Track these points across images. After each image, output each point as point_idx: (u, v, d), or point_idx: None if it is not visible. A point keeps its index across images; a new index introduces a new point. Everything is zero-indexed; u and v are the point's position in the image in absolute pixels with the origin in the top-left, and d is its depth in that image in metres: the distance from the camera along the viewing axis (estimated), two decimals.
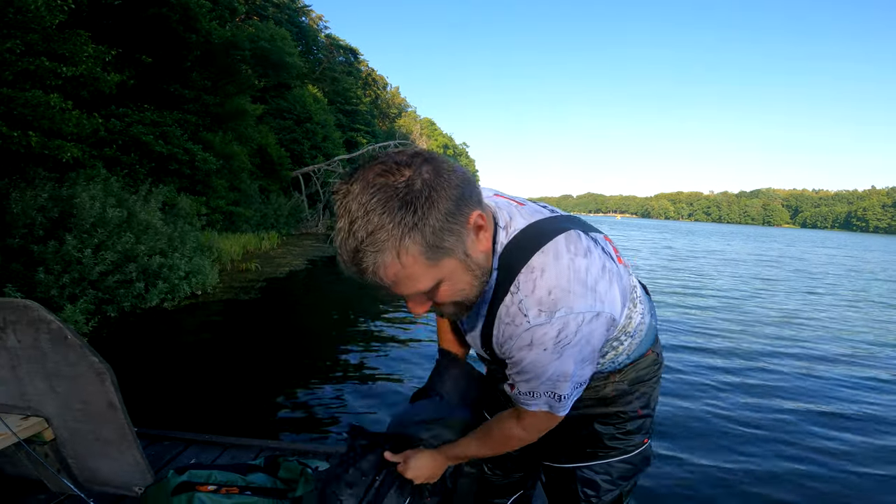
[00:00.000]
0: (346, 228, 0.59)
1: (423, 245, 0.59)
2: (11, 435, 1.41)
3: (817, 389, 4.68)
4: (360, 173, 0.61)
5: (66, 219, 6.51)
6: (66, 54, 7.34)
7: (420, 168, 0.60)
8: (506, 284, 0.74)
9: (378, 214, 0.57)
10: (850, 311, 9.45)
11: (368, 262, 0.60)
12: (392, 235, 0.58)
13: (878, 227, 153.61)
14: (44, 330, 1.41)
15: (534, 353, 0.73)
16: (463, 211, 0.63)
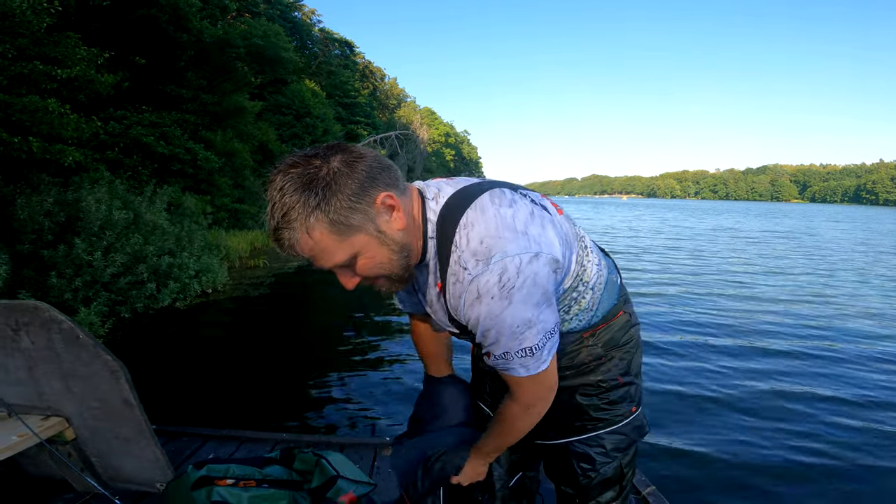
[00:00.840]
0: (268, 211, 0.69)
1: (326, 222, 0.68)
2: (29, 437, 1.43)
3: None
4: (282, 165, 0.69)
5: (73, 223, 6.55)
6: (59, 57, 7.32)
7: (329, 158, 0.69)
8: (445, 247, 0.78)
9: (289, 196, 0.66)
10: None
11: (285, 238, 0.69)
12: (300, 214, 0.67)
13: (889, 199, 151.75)
14: (55, 330, 1.42)
15: (484, 305, 0.75)
16: (369, 192, 0.71)
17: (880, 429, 3.39)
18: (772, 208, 76.06)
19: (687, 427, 3.37)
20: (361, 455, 2.11)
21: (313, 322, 6.80)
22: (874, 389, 4.09)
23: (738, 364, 4.66)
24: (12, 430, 1.45)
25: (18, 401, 1.55)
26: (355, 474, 1.80)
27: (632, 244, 16.55)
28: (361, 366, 4.68)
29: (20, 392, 1.53)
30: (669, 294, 8.05)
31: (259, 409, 3.67)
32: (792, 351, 5.11)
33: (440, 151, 63.47)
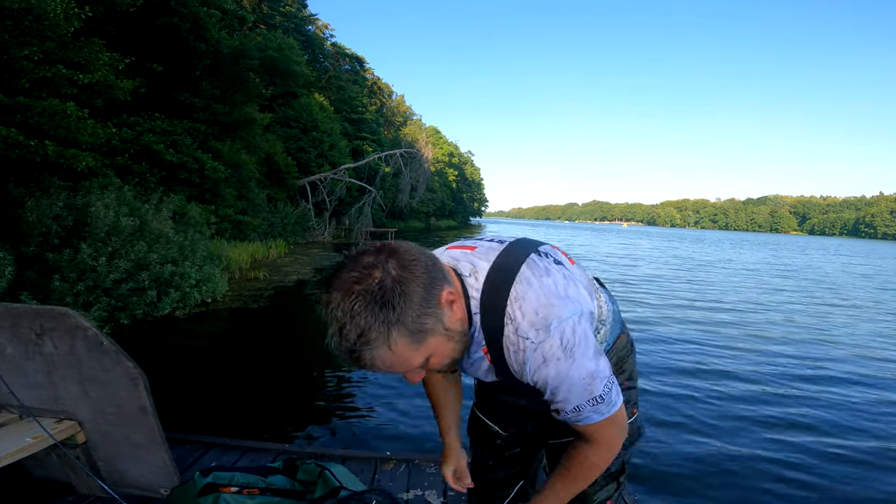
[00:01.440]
0: (338, 333, 0.68)
1: (407, 334, 0.69)
2: (44, 439, 1.48)
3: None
4: (336, 282, 0.69)
5: (80, 227, 6.63)
6: (82, 62, 7.47)
7: (386, 265, 0.69)
8: (495, 322, 0.83)
9: (364, 318, 0.66)
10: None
11: (366, 358, 0.69)
12: (380, 333, 0.66)
13: (887, 233, 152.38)
14: (80, 337, 1.48)
15: (552, 368, 0.81)
16: (433, 294, 0.72)
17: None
18: (770, 240, 76.18)
19: (668, 451, 3.40)
20: (362, 468, 2.16)
21: (313, 336, 6.81)
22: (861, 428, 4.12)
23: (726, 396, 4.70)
24: (26, 432, 1.50)
25: (34, 403, 1.60)
26: (357, 486, 1.85)
27: (647, 274, 16.61)
28: (362, 380, 4.71)
29: (37, 395, 1.59)
30: (674, 323, 8.09)
31: (259, 419, 3.69)
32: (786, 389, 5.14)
33: (443, 171, 63.88)
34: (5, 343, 1.54)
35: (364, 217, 25.34)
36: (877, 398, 4.82)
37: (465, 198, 79.11)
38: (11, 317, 1.53)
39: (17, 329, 1.52)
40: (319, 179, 23.84)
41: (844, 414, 4.35)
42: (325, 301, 0.68)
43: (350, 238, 25.15)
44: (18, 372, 1.55)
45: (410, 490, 2.08)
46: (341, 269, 0.70)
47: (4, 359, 1.55)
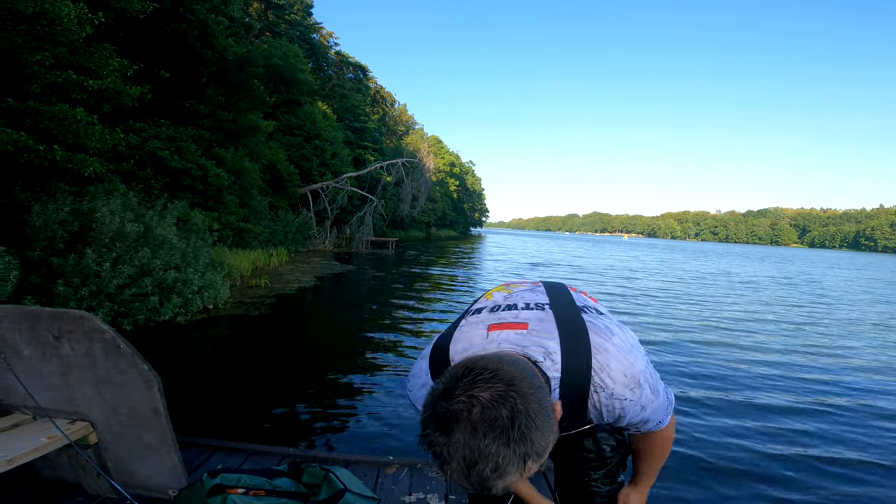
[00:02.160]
0: (466, 469, 0.64)
1: (538, 459, 0.67)
2: (59, 439, 1.52)
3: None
4: (458, 422, 0.64)
5: (85, 232, 6.69)
6: (93, 67, 7.57)
7: (511, 400, 0.65)
8: (580, 394, 0.89)
9: (501, 455, 0.63)
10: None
11: (498, 486, 0.65)
12: (517, 466, 0.64)
13: (888, 246, 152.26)
14: (97, 339, 1.53)
15: (649, 410, 0.96)
16: (552, 417, 0.71)
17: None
18: (776, 253, 76.05)
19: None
20: (365, 472, 2.19)
21: (313, 342, 6.85)
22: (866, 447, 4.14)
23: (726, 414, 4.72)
24: (41, 433, 1.54)
25: (49, 404, 1.64)
26: (361, 489, 1.89)
27: (656, 287, 16.63)
28: (364, 385, 4.75)
29: (52, 396, 1.63)
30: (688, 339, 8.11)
31: (263, 424, 3.73)
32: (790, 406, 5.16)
33: (444, 181, 64.10)
34: (23, 345, 1.59)
35: (365, 226, 25.42)
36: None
37: (466, 208, 79.28)
38: (29, 319, 1.58)
39: (34, 332, 1.57)
40: (321, 188, 23.95)
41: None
42: (445, 442, 0.64)
43: (351, 247, 25.21)
44: (34, 373, 1.60)
45: (413, 493, 2.11)
46: (451, 399, 0.65)
47: (21, 360, 1.59)
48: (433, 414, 0.66)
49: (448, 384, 0.67)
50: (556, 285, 1.12)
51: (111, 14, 8.77)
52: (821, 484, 3.26)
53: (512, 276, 16.61)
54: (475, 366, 0.69)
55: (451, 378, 0.68)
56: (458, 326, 0.98)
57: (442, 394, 0.66)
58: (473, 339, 0.92)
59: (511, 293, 1.07)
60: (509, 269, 19.80)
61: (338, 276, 13.99)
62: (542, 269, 20.00)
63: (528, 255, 30.02)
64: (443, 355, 0.94)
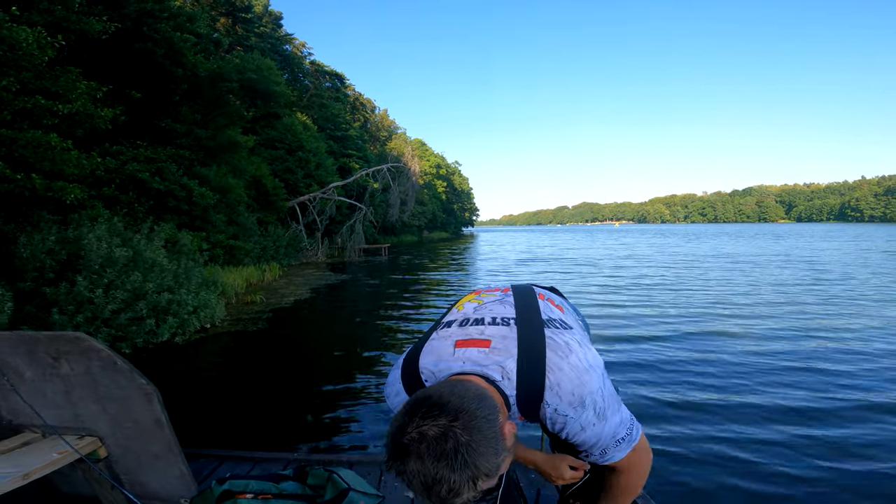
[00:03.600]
0: (426, 491, 0.73)
1: (488, 478, 0.76)
2: (69, 454, 1.56)
3: None
4: (410, 454, 0.73)
5: (74, 260, 6.67)
6: (60, 91, 7.47)
7: (454, 432, 0.73)
8: (534, 406, 0.94)
9: (450, 479, 0.72)
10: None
11: (458, 501, 0.74)
12: (468, 486, 0.73)
13: (874, 216, 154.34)
14: (95, 358, 1.57)
15: (589, 432, 0.95)
16: (501, 439, 0.79)
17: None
18: (764, 230, 76.63)
19: (671, 431, 3.50)
20: (368, 471, 2.24)
21: (313, 353, 6.87)
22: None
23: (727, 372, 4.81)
24: (52, 448, 1.57)
25: (55, 422, 1.68)
26: (365, 487, 1.93)
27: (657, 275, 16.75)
28: (364, 389, 4.80)
29: (57, 414, 1.66)
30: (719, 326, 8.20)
31: (268, 433, 3.77)
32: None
33: (432, 183, 64.17)
34: (24, 367, 1.62)
35: (356, 235, 25.41)
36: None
37: (456, 208, 79.38)
38: (27, 343, 1.61)
39: (33, 354, 1.60)
40: (308, 200, 23.91)
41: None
42: (403, 470, 0.74)
43: (344, 256, 25.17)
44: (38, 393, 1.63)
45: None
46: (404, 435, 0.74)
47: (24, 382, 1.63)
48: (391, 445, 0.75)
49: (402, 421, 0.76)
50: (524, 292, 1.14)
51: (72, 37, 8.67)
52: None
53: (503, 276, 16.70)
54: (427, 401, 0.77)
55: (405, 413, 0.77)
56: (429, 339, 1.04)
57: (397, 430, 0.75)
58: (441, 354, 0.98)
59: (481, 304, 1.11)
60: (500, 267, 19.87)
61: (332, 286, 14.00)
62: (534, 266, 20.07)
63: (518, 251, 30.14)
64: (413, 368, 1.01)
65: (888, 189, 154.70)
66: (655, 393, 4.54)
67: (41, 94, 7.09)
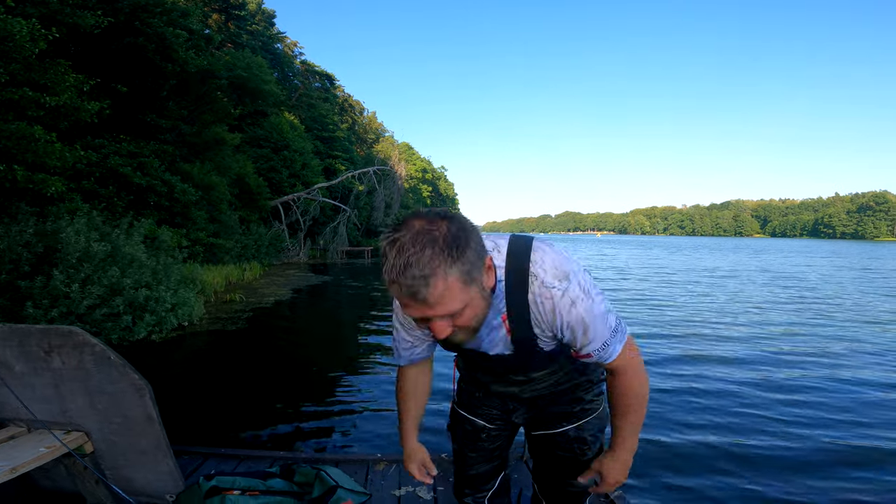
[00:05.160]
0: (403, 264, 0.78)
1: (460, 276, 0.81)
2: (57, 448, 1.55)
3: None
4: (406, 225, 0.82)
5: (51, 254, 6.53)
6: (48, 84, 7.36)
7: (450, 224, 0.83)
8: (521, 282, 0.98)
9: (430, 251, 0.78)
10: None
11: (421, 286, 0.79)
12: (440, 268, 0.78)
13: (845, 232, 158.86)
14: (88, 352, 1.57)
15: (580, 307, 0.97)
16: (482, 254, 0.87)
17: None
18: (743, 244, 78.08)
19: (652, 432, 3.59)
20: (355, 470, 2.26)
21: (294, 352, 6.83)
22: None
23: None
24: (39, 443, 1.57)
25: (43, 416, 1.67)
26: (352, 485, 1.96)
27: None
28: (348, 389, 4.81)
29: (45, 409, 1.66)
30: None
31: (252, 431, 3.75)
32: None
33: (417, 187, 64.15)
34: (14, 361, 1.61)
35: (339, 236, 25.23)
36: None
37: None
38: (19, 336, 1.61)
39: (24, 347, 1.60)
40: (292, 199, 23.70)
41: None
42: (394, 239, 0.81)
43: (326, 258, 24.99)
44: (27, 387, 1.62)
45: (402, 487, 2.19)
46: (408, 219, 0.84)
47: (13, 376, 1.62)
48: (389, 228, 0.84)
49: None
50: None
51: (64, 29, 8.56)
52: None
53: None
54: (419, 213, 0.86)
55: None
56: None
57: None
58: None
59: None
60: None
61: (314, 287, 13.90)
62: None
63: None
64: None
65: (861, 206, 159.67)
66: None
67: (29, 86, 7.00)
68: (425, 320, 0.88)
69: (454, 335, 0.93)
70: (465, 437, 1.38)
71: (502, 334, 1.07)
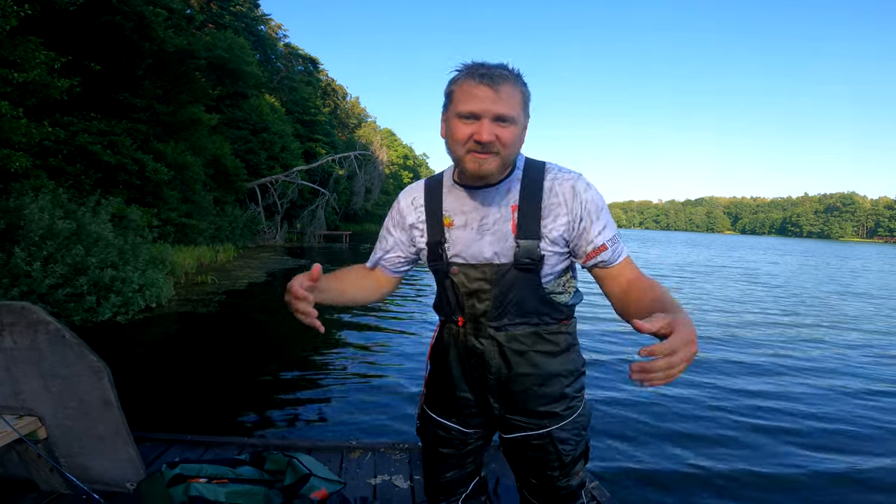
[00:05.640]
0: (497, 64, 1.01)
1: (525, 96, 1.02)
2: (8, 434, 1.45)
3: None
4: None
5: (13, 231, 6.22)
6: (18, 60, 7.04)
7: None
8: (538, 173, 1.10)
9: (515, 76, 1.00)
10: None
11: (504, 78, 0.97)
12: (521, 80, 1.01)
13: (812, 231, 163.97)
14: (42, 331, 1.46)
15: (594, 191, 1.10)
16: (528, 112, 1.06)
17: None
18: (716, 240, 79.93)
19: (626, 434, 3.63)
20: (329, 458, 2.20)
21: (267, 336, 6.69)
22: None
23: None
24: None
25: None
26: (326, 474, 1.90)
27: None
28: (321, 375, 4.72)
29: None
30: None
31: (220, 417, 3.64)
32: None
33: (398, 174, 63.67)
34: None
35: (317, 220, 24.84)
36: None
37: None
38: None
39: None
40: (270, 182, 23.21)
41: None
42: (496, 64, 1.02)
43: (304, 241, 24.63)
44: None
45: (378, 476, 2.15)
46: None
47: None
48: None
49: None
50: None
51: (38, 6, 8.14)
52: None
53: None
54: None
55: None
56: None
57: None
58: None
59: None
60: None
61: (290, 271, 13.66)
62: None
63: None
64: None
65: (828, 206, 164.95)
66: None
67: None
68: (475, 119, 0.98)
69: (485, 161, 1.01)
70: (435, 441, 1.27)
71: (506, 229, 1.08)
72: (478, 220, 1.10)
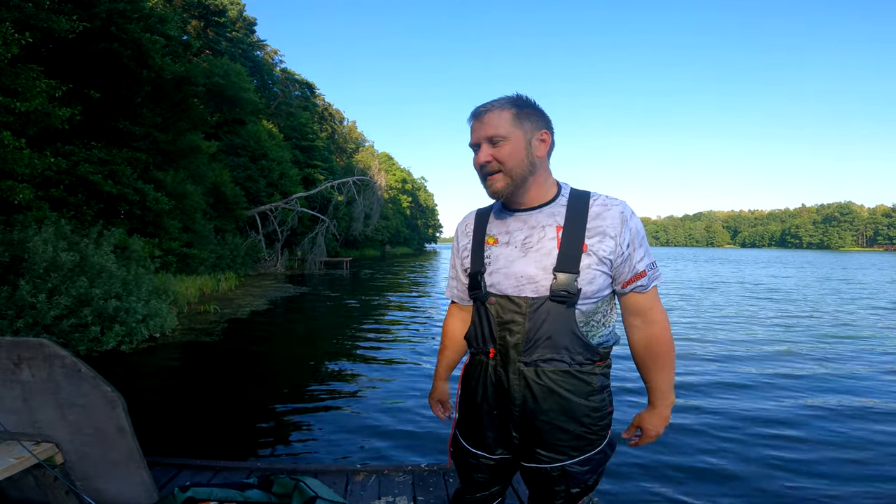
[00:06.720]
0: (485, 105, 1.14)
1: (516, 111, 1.11)
2: (27, 459, 1.51)
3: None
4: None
5: (17, 263, 6.31)
6: (19, 89, 7.18)
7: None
8: (583, 200, 1.16)
9: (501, 103, 1.13)
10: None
11: (484, 110, 1.12)
12: (505, 104, 1.12)
13: (811, 243, 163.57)
14: (58, 364, 1.54)
15: (636, 220, 1.16)
16: (543, 123, 1.14)
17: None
18: (717, 255, 79.65)
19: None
20: (334, 480, 2.24)
21: (271, 363, 6.72)
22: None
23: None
24: (7, 454, 1.52)
25: (12, 427, 1.62)
26: (332, 496, 1.94)
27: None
28: (327, 400, 4.75)
29: (14, 420, 1.61)
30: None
31: (227, 442, 3.67)
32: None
33: (397, 198, 64.10)
34: None
35: (318, 247, 24.95)
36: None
37: (420, 224, 79.41)
38: None
39: None
40: (270, 209, 23.40)
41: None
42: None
43: (304, 268, 24.68)
44: None
45: (382, 497, 2.18)
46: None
47: None
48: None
49: None
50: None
51: (38, 34, 8.37)
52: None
53: None
54: None
55: None
56: None
57: None
58: None
59: None
60: None
61: (291, 298, 13.72)
62: None
63: None
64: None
65: (826, 217, 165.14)
66: None
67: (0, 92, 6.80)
68: (478, 149, 1.13)
69: (493, 181, 1.13)
70: (465, 465, 1.32)
71: (550, 246, 1.12)
72: (521, 238, 1.16)
